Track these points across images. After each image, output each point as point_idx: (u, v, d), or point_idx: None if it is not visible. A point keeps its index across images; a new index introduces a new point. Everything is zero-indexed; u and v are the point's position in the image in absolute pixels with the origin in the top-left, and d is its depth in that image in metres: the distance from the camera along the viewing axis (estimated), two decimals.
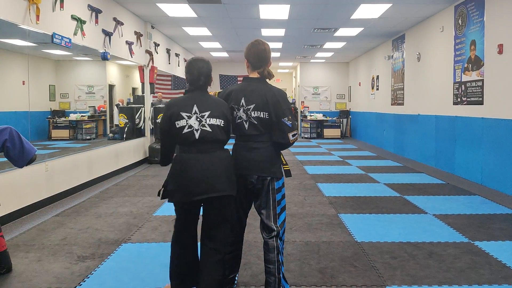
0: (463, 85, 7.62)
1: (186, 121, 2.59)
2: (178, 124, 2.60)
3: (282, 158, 2.88)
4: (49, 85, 9.99)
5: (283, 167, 2.87)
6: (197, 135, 2.59)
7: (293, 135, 2.75)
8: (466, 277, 3.28)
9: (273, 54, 15.69)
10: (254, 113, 2.72)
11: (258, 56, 2.81)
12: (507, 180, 6.26)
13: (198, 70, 2.68)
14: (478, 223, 4.74)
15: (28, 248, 3.96)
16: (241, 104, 2.75)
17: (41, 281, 3.23)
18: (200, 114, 2.61)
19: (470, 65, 7.36)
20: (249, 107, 2.73)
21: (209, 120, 2.61)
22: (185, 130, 2.59)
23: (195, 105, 2.63)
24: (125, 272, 3.40)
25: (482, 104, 6.97)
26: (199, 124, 2.60)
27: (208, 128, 2.60)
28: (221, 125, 2.65)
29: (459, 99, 7.79)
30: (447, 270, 3.42)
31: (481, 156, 6.99)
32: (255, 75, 2.83)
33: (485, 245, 4.01)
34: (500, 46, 6.42)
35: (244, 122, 2.75)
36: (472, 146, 7.29)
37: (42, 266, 3.53)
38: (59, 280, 3.24)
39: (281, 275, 2.71)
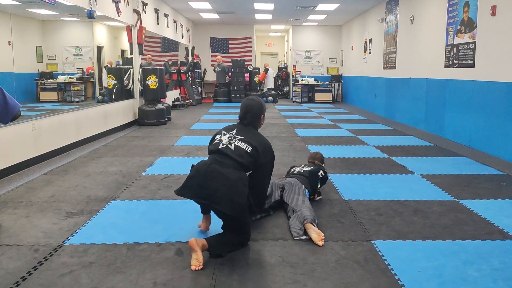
0: (455, 48, 7.56)
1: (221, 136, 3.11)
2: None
3: None
4: (36, 46, 9.74)
5: None
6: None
7: None
8: (450, 232, 3.35)
9: (265, 17, 15.41)
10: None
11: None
12: (494, 142, 6.32)
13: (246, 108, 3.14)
14: (464, 182, 4.81)
15: (16, 204, 3.96)
16: None
17: (29, 236, 3.24)
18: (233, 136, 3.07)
19: (463, 27, 7.27)
20: None
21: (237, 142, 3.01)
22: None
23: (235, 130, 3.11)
24: (114, 227, 3.42)
25: (473, 66, 6.94)
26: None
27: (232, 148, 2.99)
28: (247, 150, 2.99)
29: (450, 62, 7.74)
30: (432, 226, 3.48)
31: (470, 118, 7.02)
32: None
33: (470, 203, 4.08)
34: (494, 8, 6.33)
35: None
36: (461, 109, 7.31)
37: (30, 222, 3.53)
38: (47, 235, 3.25)
39: None
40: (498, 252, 2.99)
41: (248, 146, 2.94)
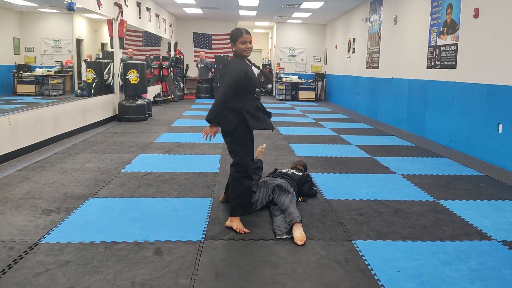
0: (437, 49, 7.64)
1: None
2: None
3: None
4: (13, 37, 9.49)
5: None
6: None
7: None
8: (429, 233, 3.37)
9: (249, 13, 15.34)
10: None
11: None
12: (474, 143, 6.42)
13: None
14: (444, 183, 4.86)
15: None
16: None
17: (4, 233, 3.14)
18: None
19: (446, 28, 7.35)
20: None
21: None
22: None
23: None
24: (92, 225, 3.34)
25: (455, 68, 7.03)
26: None
27: None
28: None
29: (432, 63, 7.83)
30: (412, 226, 3.50)
31: (450, 119, 7.12)
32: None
33: (449, 204, 4.12)
34: (476, 10, 6.41)
35: None
36: (442, 109, 7.40)
37: (5, 219, 3.43)
38: (23, 233, 3.15)
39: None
40: (476, 253, 3.02)
41: None
